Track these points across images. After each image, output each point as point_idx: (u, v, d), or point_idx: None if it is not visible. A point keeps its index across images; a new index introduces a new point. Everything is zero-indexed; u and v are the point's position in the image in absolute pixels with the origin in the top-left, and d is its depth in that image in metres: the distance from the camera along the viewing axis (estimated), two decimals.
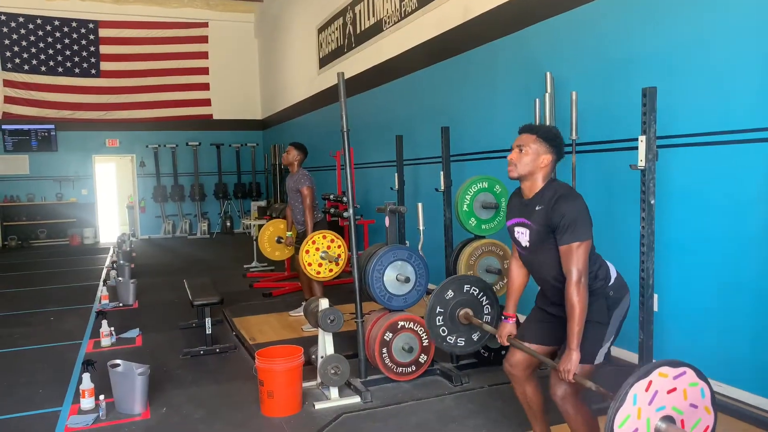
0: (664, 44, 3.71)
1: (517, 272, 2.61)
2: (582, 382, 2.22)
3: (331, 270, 4.81)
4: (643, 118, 3.14)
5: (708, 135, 3.46)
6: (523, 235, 2.42)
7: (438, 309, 3.05)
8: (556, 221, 2.26)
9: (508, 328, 2.59)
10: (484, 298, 3.14)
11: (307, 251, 4.74)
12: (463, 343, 3.12)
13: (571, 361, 2.22)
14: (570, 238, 2.22)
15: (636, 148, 3.22)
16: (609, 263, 2.42)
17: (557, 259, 2.30)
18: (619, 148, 4.01)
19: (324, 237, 4.77)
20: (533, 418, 2.62)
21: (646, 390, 1.88)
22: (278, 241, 6.58)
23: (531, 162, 2.33)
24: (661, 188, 3.31)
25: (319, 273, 4.77)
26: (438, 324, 3.05)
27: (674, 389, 1.92)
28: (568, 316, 2.23)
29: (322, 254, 4.73)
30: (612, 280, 2.36)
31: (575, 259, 2.21)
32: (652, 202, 3.16)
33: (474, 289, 3.12)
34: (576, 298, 2.20)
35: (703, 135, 3.49)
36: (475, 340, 3.16)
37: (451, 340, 3.08)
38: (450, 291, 3.06)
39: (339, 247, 4.79)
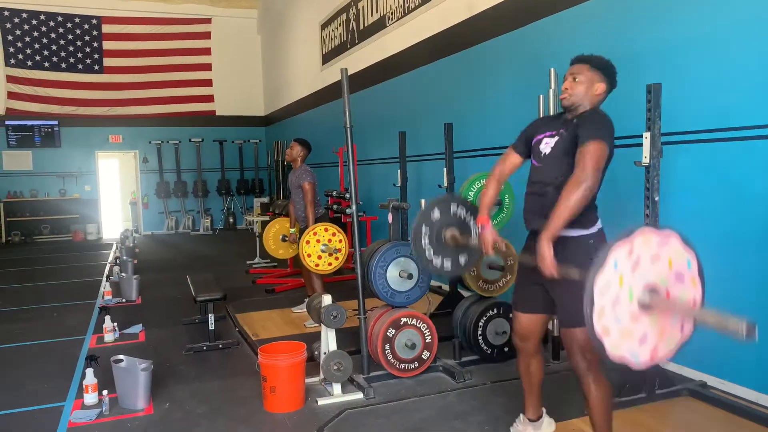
0: (668, 40, 3.69)
1: (494, 187, 2.65)
2: (567, 273, 2.15)
3: (330, 264, 4.78)
4: (648, 114, 3.13)
5: (712, 132, 3.44)
6: (548, 145, 2.43)
7: (424, 228, 2.91)
8: (583, 126, 2.27)
9: (491, 235, 2.55)
10: (472, 219, 3.01)
11: (308, 242, 4.71)
12: (449, 265, 2.99)
13: (543, 250, 2.18)
14: (591, 135, 2.21)
15: (640, 144, 3.21)
16: (599, 218, 2.40)
17: (569, 166, 2.28)
18: (622, 145, 3.98)
19: (326, 230, 4.75)
20: (529, 392, 2.67)
21: (629, 254, 1.76)
22: (283, 239, 6.57)
23: (585, 90, 2.36)
24: (664, 185, 3.29)
25: (317, 265, 4.75)
26: (424, 245, 2.92)
27: (658, 256, 1.80)
28: (556, 205, 2.19)
29: (322, 247, 4.71)
30: (594, 229, 2.35)
31: (588, 158, 2.18)
32: (656, 198, 3.16)
33: (461, 210, 2.98)
34: (573, 193, 2.16)
35: (706, 132, 3.47)
36: (461, 263, 3.06)
37: (437, 262, 2.95)
38: (436, 211, 2.93)
39: (340, 241, 4.77)
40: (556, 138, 2.40)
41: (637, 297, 1.78)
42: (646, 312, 1.79)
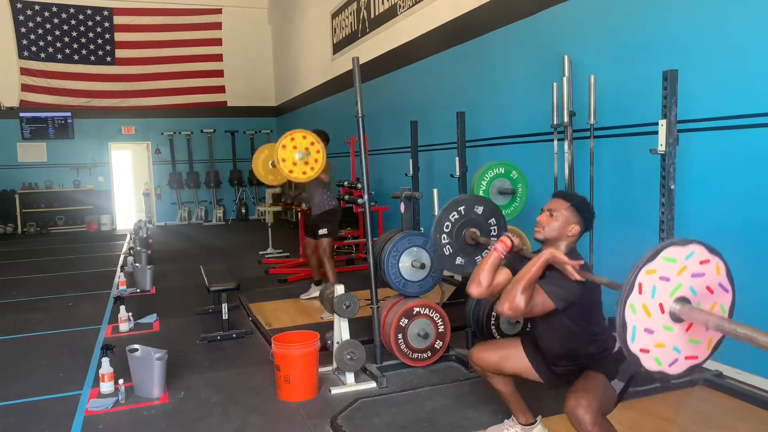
0: (683, 27, 3.63)
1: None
2: (592, 278, 2.16)
3: (304, 173, 4.59)
4: (664, 101, 3.09)
5: (727, 119, 3.39)
6: None
7: (445, 226, 2.92)
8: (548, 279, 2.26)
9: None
10: (493, 220, 3.01)
11: (284, 146, 4.50)
12: (463, 263, 2.99)
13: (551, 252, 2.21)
14: (548, 290, 2.22)
15: (655, 132, 3.17)
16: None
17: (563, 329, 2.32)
18: (637, 133, 3.95)
19: (304, 137, 4.56)
20: (509, 402, 2.68)
21: (655, 273, 1.76)
22: (272, 165, 6.47)
23: (559, 228, 2.32)
24: (679, 173, 3.25)
25: (291, 171, 4.58)
26: (443, 242, 2.93)
27: (684, 268, 1.80)
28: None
29: (298, 154, 4.53)
30: (617, 347, 2.31)
31: (537, 300, 2.20)
32: (672, 187, 3.12)
33: (483, 211, 2.98)
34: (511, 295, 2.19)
35: (722, 119, 3.42)
36: (478, 261, 3.08)
37: (455, 260, 2.96)
38: (459, 209, 2.94)
39: (318, 152, 4.58)
40: None
41: (669, 309, 1.79)
42: (677, 323, 1.79)
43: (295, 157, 4.49)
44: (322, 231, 5.44)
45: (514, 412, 2.70)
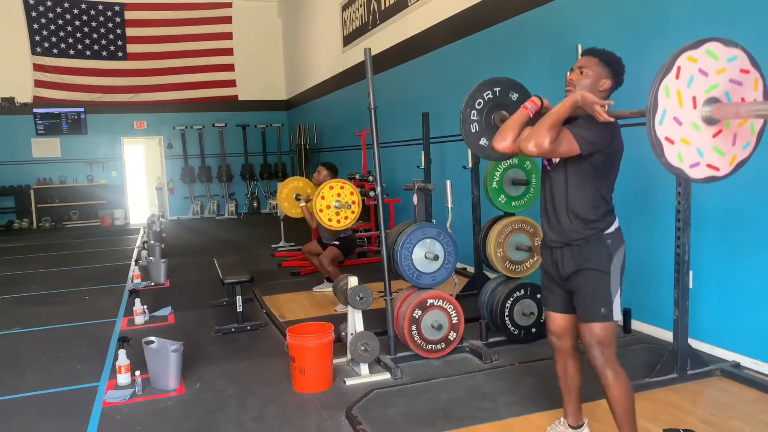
0: (699, 13, 3.58)
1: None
2: (621, 114, 2.15)
3: (346, 218, 4.85)
4: None
5: None
6: None
7: (477, 103, 2.84)
8: (576, 123, 2.24)
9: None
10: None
11: (322, 197, 4.77)
12: (486, 144, 2.89)
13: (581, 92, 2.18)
14: (575, 129, 2.19)
15: None
16: (616, 217, 2.37)
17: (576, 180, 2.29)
18: None
19: (331, 188, 4.82)
20: (568, 396, 2.58)
21: (695, 65, 1.72)
22: (296, 198, 6.63)
23: (590, 84, 2.29)
24: None
25: (330, 220, 4.85)
26: (472, 118, 2.85)
27: (724, 69, 1.75)
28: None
29: (335, 203, 4.77)
30: (612, 229, 2.31)
31: (562, 139, 2.17)
32: None
33: (518, 98, 2.90)
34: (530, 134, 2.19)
35: None
36: None
37: (479, 140, 2.88)
38: (495, 90, 2.87)
39: (351, 194, 4.81)
40: None
41: (701, 106, 1.73)
42: (706, 126, 1.74)
43: (333, 207, 4.76)
44: (335, 242, 5.53)
45: (567, 412, 2.60)
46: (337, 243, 5.50)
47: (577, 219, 2.29)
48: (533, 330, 3.93)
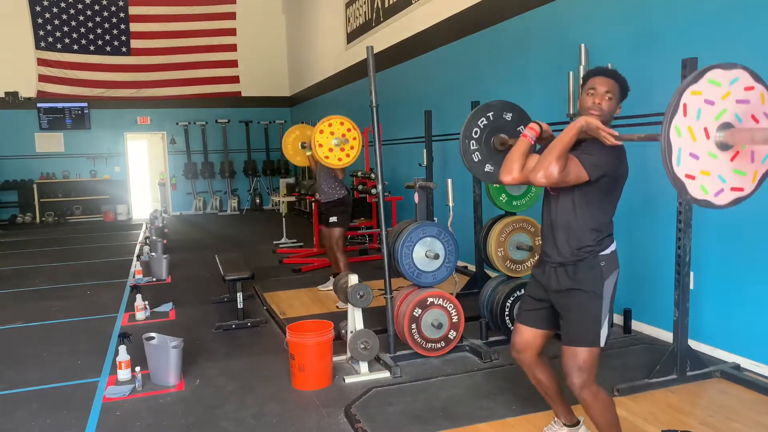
0: (703, 13, 3.56)
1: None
2: (629, 137, 2.13)
3: (339, 159, 4.73)
4: None
5: None
6: None
7: (474, 132, 2.86)
8: (587, 150, 2.21)
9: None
10: (522, 127, 2.91)
11: (321, 131, 4.62)
12: (492, 170, 2.92)
13: (585, 119, 2.17)
14: (584, 158, 2.16)
15: None
16: (614, 240, 2.35)
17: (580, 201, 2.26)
18: (655, 122, 3.89)
19: (341, 123, 4.70)
20: (552, 402, 2.58)
21: (699, 96, 1.71)
22: (302, 146, 6.59)
23: (612, 111, 2.28)
24: None
25: (327, 157, 4.72)
26: (472, 148, 2.87)
27: (729, 93, 1.74)
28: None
29: (335, 140, 4.64)
30: (608, 251, 2.29)
31: (571, 167, 2.15)
32: None
33: (512, 118, 2.90)
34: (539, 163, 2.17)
35: None
36: None
37: (484, 167, 2.89)
38: (488, 115, 2.88)
39: (354, 138, 4.71)
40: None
41: (714, 134, 1.73)
42: (723, 151, 1.74)
43: (331, 143, 4.54)
44: (333, 219, 5.43)
45: (557, 414, 2.61)
46: (335, 220, 5.43)
47: (579, 241, 2.27)
48: None
